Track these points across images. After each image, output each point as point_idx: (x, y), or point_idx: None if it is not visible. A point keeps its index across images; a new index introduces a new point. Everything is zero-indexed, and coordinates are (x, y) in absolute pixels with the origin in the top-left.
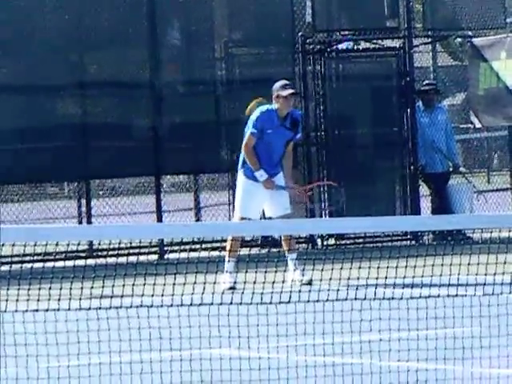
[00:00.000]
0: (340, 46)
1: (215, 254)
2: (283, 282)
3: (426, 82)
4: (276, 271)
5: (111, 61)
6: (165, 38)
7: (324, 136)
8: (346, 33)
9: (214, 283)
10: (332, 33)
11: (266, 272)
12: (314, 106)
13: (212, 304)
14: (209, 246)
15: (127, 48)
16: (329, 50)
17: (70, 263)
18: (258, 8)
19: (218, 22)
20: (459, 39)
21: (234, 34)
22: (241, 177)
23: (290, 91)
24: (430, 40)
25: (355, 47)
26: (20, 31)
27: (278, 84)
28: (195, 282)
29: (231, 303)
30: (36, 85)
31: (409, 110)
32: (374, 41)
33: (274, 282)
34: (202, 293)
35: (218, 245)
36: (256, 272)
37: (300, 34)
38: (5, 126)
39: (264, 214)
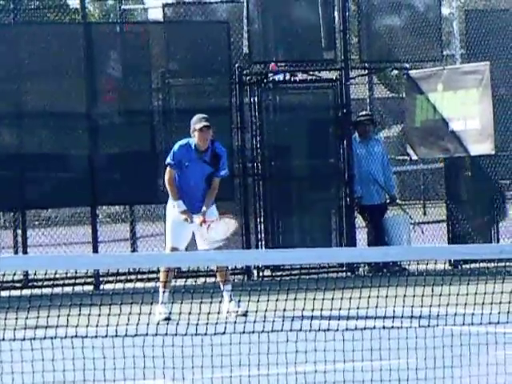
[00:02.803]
0: (276, 77)
1: (150, 284)
2: (218, 312)
3: (362, 112)
4: (211, 302)
5: (48, 91)
6: (101, 69)
7: (261, 167)
8: (283, 64)
9: (149, 314)
10: (269, 64)
11: (201, 303)
12: (251, 136)
13: (147, 335)
14: (144, 276)
15: (64, 78)
16: (265, 81)
17: (5, 293)
18: (194, 39)
19: (155, 52)
20: (396, 71)
21: (171, 64)
22: (170, 207)
23: (203, 124)
24: (366, 72)
25: (292, 78)
26: None
27: (194, 118)
28: (130, 313)
29: (166, 334)
30: None
31: (345, 142)
32: (311, 72)
33: (209, 313)
34: (137, 323)
35: (153, 276)
36: (191, 303)
37: (237, 64)
38: None
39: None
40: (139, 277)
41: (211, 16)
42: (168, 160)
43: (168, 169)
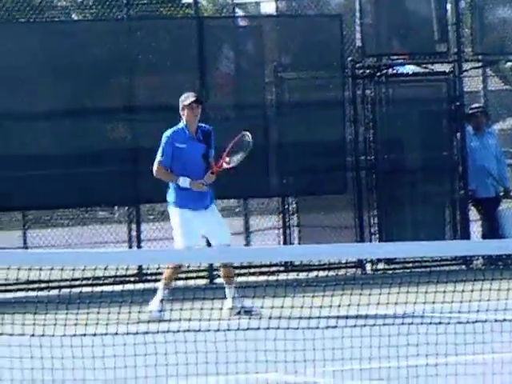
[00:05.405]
0: (400, 70)
1: (262, 278)
2: (330, 306)
3: (474, 105)
4: (323, 296)
5: (161, 85)
6: (214, 63)
7: (374, 160)
8: (396, 57)
9: (261, 307)
10: (382, 57)
11: (313, 296)
12: (364, 130)
13: (259, 328)
14: (256, 270)
15: (177, 72)
16: (378, 74)
17: (118, 288)
18: (307, 32)
19: (268, 46)
20: (510, 63)
21: (284, 58)
22: (172, 209)
23: (192, 99)
24: (480, 64)
25: (405, 72)
26: (71, 56)
27: (182, 96)
28: None
29: (278, 328)
30: (87, 109)
31: (458, 135)
32: (424, 65)
33: (321, 307)
34: (249, 318)
35: (265, 269)
36: (303, 296)
37: (349, 58)
38: (56, 150)
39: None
40: (251, 271)
41: (324, 9)
42: (158, 158)
43: (157, 166)
